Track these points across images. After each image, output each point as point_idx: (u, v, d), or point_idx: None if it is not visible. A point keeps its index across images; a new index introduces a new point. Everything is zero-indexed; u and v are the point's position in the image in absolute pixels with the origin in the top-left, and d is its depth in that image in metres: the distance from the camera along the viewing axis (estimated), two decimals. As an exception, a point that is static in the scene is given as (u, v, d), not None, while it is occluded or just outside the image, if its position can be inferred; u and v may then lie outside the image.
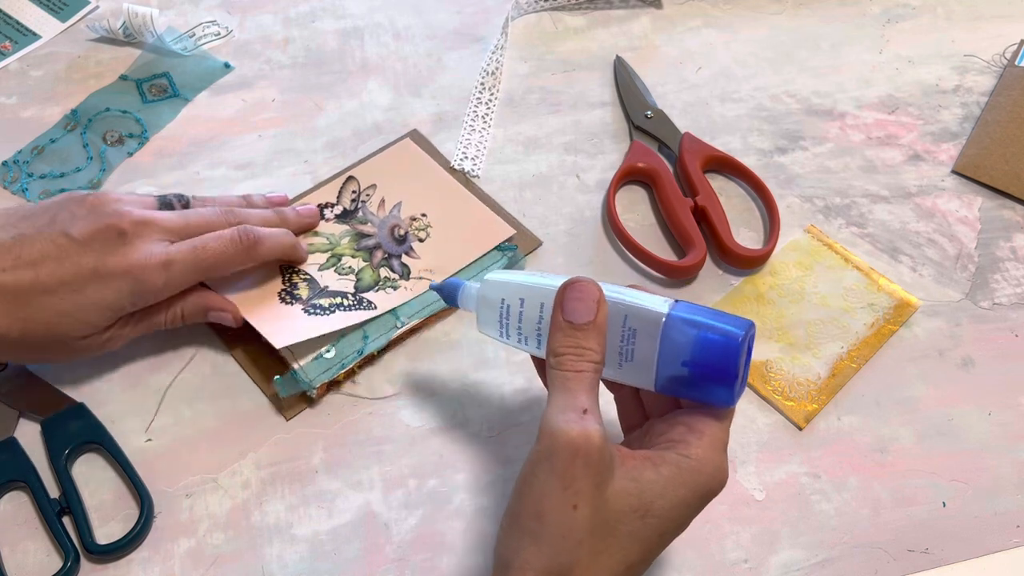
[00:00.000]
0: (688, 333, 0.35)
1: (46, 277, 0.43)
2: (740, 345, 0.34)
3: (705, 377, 0.35)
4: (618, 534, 0.34)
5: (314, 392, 0.48)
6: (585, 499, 0.33)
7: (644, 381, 0.37)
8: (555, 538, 0.33)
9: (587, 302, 0.36)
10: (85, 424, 0.46)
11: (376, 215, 0.55)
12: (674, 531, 0.36)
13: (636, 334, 0.36)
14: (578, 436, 0.33)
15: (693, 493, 0.35)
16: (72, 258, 0.43)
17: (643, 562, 0.35)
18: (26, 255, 0.43)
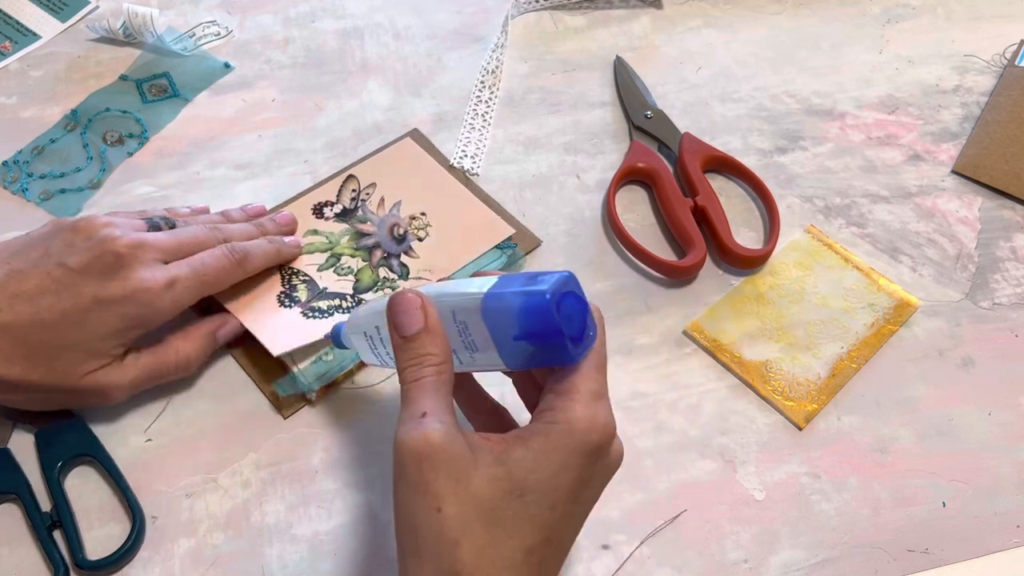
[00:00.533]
0: (504, 307, 0.34)
1: (46, 311, 0.42)
2: (549, 302, 0.33)
3: (537, 342, 0.34)
4: (500, 522, 0.33)
5: (313, 394, 0.48)
6: (446, 499, 0.33)
7: (497, 364, 0.36)
8: (430, 546, 0.33)
9: (411, 312, 0.36)
10: (79, 436, 0.46)
11: (376, 214, 0.55)
12: (567, 500, 0.34)
13: (467, 325, 0.36)
14: (416, 441, 0.33)
15: (571, 455, 0.34)
16: (71, 289, 0.43)
17: (547, 542, 0.34)
18: (24, 291, 0.42)
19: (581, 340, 0.35)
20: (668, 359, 0.51)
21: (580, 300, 0.35)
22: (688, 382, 0.50)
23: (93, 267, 0.43)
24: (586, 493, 0.35)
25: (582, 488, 0.35)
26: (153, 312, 0.44)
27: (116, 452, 0.46)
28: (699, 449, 0.47)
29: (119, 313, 0.43)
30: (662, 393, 0.49)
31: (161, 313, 0.45)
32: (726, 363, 0.50)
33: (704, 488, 0.46)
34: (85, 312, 0.43)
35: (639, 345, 0.51)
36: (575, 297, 0.35)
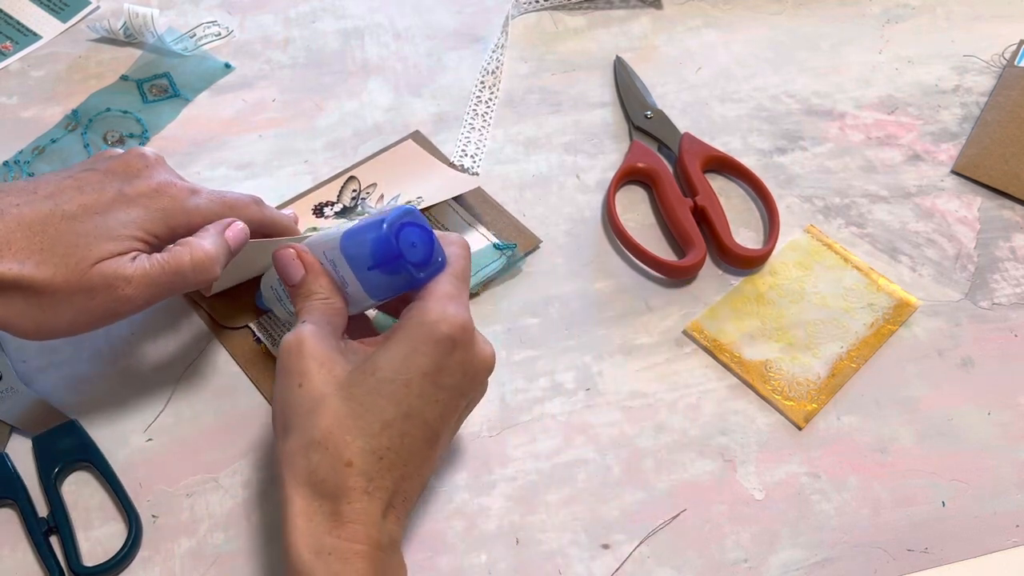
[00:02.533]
0: (356, 242, 0.39)
1: (66, 203, 0.40)
2: (387, 232, 0.38)
3: (385, 270, 0.38)
4: (355, 396, 0.36)
5: None
6: (307, 376, 0.37)
7: (366, 300, 0.40)
8: (293, 419, 0.37)
9: (291, 263, 0.41)
10: (76, 441, 0.46)
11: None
12: (422, 380, 0.37)
13: (335, 264, 0.40)
14: (290, 336, 0.38)
15: (421, 341, 0.37)
16: (94, 184, 0.42)
17: (407, 417, 0.36)
18: (43, 190, 0.41)
19: (426, 265, 0.39)
20: (668, 359, 0.51)
21: (422, 229, 0.39)
22: (688, 382, 0.50)
23: (119, 169, 0.43)
24: (445, 379, 0.37)
25: (438, 373, 0.37)
26: (178, 208, 0.43)
27: (116, 452, 0.46)
28: (699, 449, 0.48)
29: (143, 205, 0.42)
30: (662, 393, 0.49)
31: (185, 213, 0.43)
32: (726, 363, 0.50)
33: (704, 488, 0.46)
34: (108, 204, 0.41)
35: (639, 345, 0.51)
36: (416, 227, 0.39)
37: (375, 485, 0.36)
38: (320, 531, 0.35)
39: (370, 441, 0.36)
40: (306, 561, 0.34)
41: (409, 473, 0.37)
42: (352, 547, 0.35)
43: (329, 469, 0.35)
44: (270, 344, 0.50)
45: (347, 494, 0.35)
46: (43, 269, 0.39)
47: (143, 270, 0.41)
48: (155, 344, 0.50)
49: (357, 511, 0.35)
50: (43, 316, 0.40)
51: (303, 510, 0.35)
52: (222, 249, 0.43)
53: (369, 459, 0.36)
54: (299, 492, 0.36)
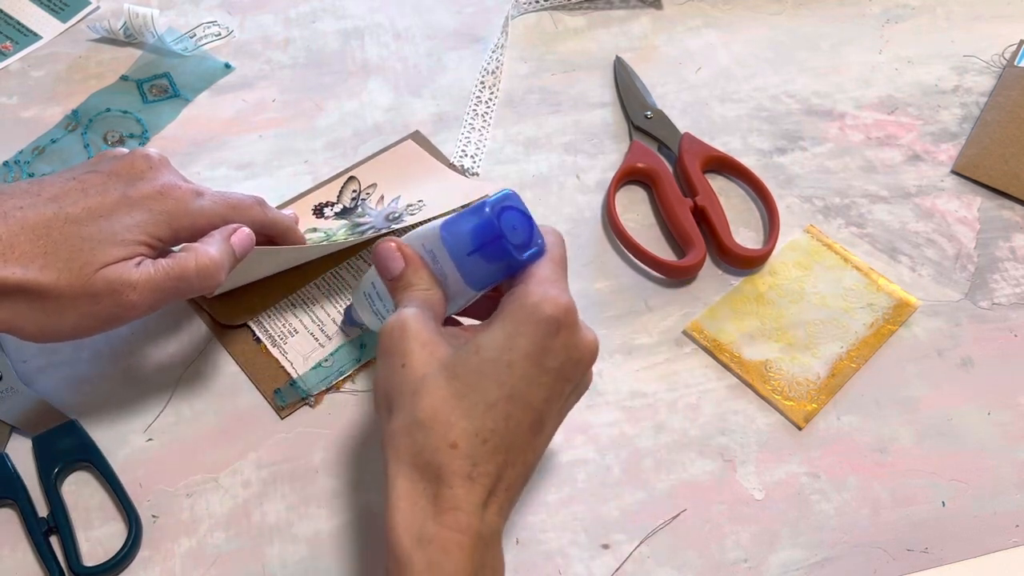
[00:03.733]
0: (456, 229, 0.39)
1: (70, 206, 0.40)
2: (490, 215, 0.38)
3: (487, 254, 0.38)
4: (459, 376, 0.35)
5: (312, 400, 0.48)
6: (410, 355, 0.36)
7: (465, 291, 0.40)
8: (397, 399, 0.36)
9: (391, 255, 0.40)
10: (76, 441, 0.46)
11: (375, 208, 0.55)
12: (525, 361, 0.35)
13: (434, 254, 0.40)
14: (393, 320, 0.37)
15: (523, 323, 0.36)
16: (98, 187, 0.41)
17: (511, 399, 0.35)
18: (46, 192, 0.41)
19: (528, 247, 0.39)
20: (668, 359, 0.51)
21: (522, 214, 0.39)
22: (688, 382, 0.50)
23: (123, 171, 0.43)
24: (549, 362, 0.36)
25: (542, 355, 0.36)
26: (182, 211, 0.43)
27: (116, 452, 0.46)
28: (699, 449, 0.48)
29: (147, 207, 0.42)
30: (662, 393, 0.49)
31: (189, 215, 0.43)
32: (726, 363, 0.50)
33: (704, 488, 0.46)
34: (112, 208, 0.41)
35: (639, 345, 0.51)
36: (516, 211, 0.39)
37: (479, 471, 0.35)
38: (423, 516, 0.34)
39: (474, 422, 0.35)
40: (406, 548, 0.34)
41: (513, 459, 0.36)
42: (453, 537, 0.34)
43: (434, 450, 0.34)
44: (270, 344, 0.50)
45: (450, 477, 0.34)
46: (47, 273, 0.39)
47: (148, 276, 0.41)
48: (155, 344, 0.50)
49: (459, 497, 0.34)
50: (47, 320, 0.40)
51: (407, 493, 0.35)
52: (227, 255, 0.43)
53: (473, 441, 0.35)
54: (403, 473, 0.35)
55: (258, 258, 0.46)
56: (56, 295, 0.39)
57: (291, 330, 0.51)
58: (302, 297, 0.52)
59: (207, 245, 0.43)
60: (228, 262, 0.43)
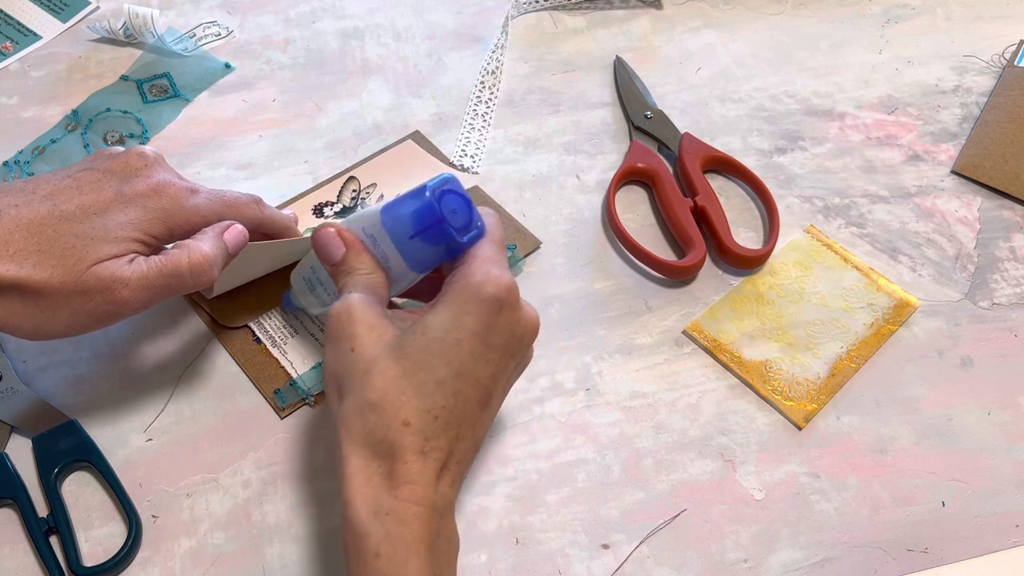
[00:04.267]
0: (397, 213, 0.40)
1: (64, 204, 0.40)
2: (430, 199, 0.39)
3: (428, 236, 0.39)
4: (407, 356, 0.36)
5: (312, 399, 0.48)
6: (358, 339, 0.37)
7: (407, 274, 0.41)
8: (347, 381, 0.37)
9: (331, 241, 0.41)
10: (76, 441, 0.46)
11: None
12: (472, 339, 0.37)
13: (375, 238, 0.41)
14: (338, 306, 0.38)
15: (467, 302, 0.37)
16: (92, 184, 0.42)
17: (459, 376, 0.36)
18: (41, 190, 0.41)
19: (468, 230, 0.40)
20: (668, 359, 0.51)
21: (462, 197, 0.40)
22: (688, 382, 0.50)
23: (118, 168, 0.43)
24: (494, 339, 0.37)
25: (487, 333, 0.37)
26: (177, 208, 0.43)
27: (116, 452, 0.46)
28: (698, 449, 0.48)
29: (141, 205, 0.42)
30: (662, 393, 0.49)
31: (184, 212, 0.43)
32: (726, 363, 0.50)
33: (703, 488, 0.46)
34: (106, 205, 0.41)
35: (639, 345, 0.51)
36: (455, 194, 0.40)
37: (431, 445, 0.36)
38: (378, 491, 0.35)
39: (425, 400, 0.36)
40: (364, 520, 0.35)
41: (463, 434, 0.37)
42: (408, 508, 0.35)
43: (386, 428, 0.35)
44: (270, 344, 0.50)
45: (403, 454, 0.35)
46: (40, 270, 0.39)
47: (140, 273, 0.41)
48: (155, 344, 0.50)
49: (413, 471, 0.35)
50: (41, 317, 0.40)
51: (361, 470, 0.35)
52: (220, 251, 0.43)
53: (425, 418, 0.36)
54: (356, 452, 0.36)
55: (253, 254, 0.46)
56: (49, 292, 0.39)
57: (291, 330, 0.51)
58: (302, 297, 0.52)
59: (200, 241, 0.43)
60: (221, 258, 0.43)
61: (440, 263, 0.41)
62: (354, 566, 0.35)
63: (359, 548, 0.35)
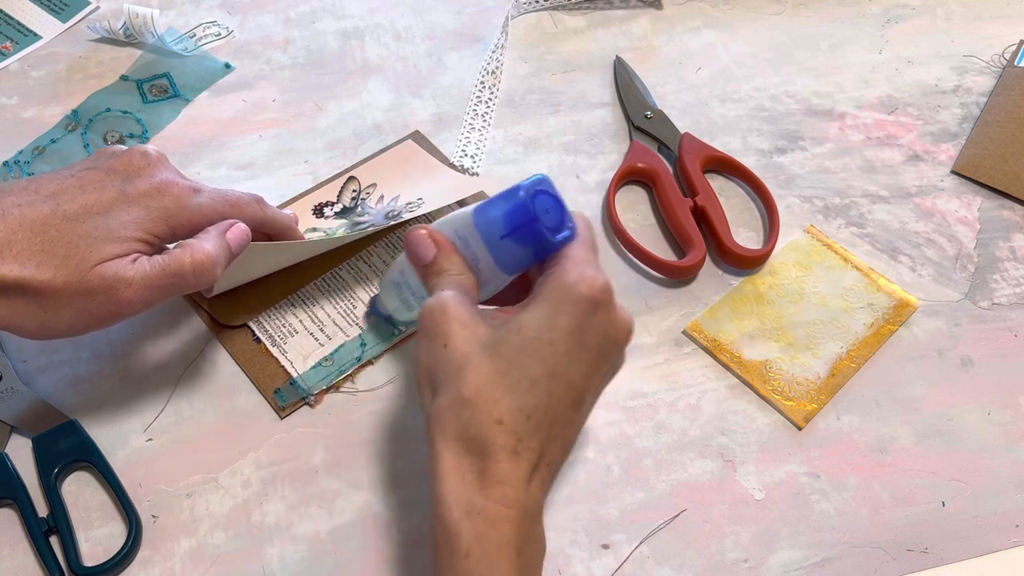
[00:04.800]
0: (490, 214, 0.40)
1: (67, 204, 0.40)
2: (524, 198, 0.39)
3: (520, 236, 0.39)
4: (502, 354, 0.36)
5: (312, 399, 0.48)
6: (452, 336, 0.37)
7: (497, 276, 0.41)
8: (441, 378, 0.37)
9: (422, 243, 0.41)
10: (76, 441, 0.46)
11: (374, 208, 0.55)
12: (567, 339, 0.36)
13: (467, 240, 0.40)
14: (433, 302, 0.38)
15: (562, 302, 0.37)
16: (95, 183, 0.41)
17: (553, 376, 0.36)
18: (44, 190, 0.41)
19: (560, 230, 0.39)
20: (668, 359, 0.51)
21: (554, 198, 0.40)
22: (688, 382, 0.50)
23: (121, 168, 0.43)
24: (588, 340, 0.37)
25: (582, 333, 0.37)
26: (179, 208, 0.43)
27: (116, 452, 0.46)
28: (699, 449, 0.48)
29: (144, 204, 0.42)
30: (662, 393, 0.49)
31: (187, 212, 0.43)
32: (726, 363, 0.50)
33: (703, 488, 0.46)
34: (110, 205, 0.41)
35: (639, 345, 0.51)
36: (548, 195, 0.39)
37: (523, 445, 0.35)
38: (470, 489, 0.35)
39: (518, 399, 0.35)
40: (455, 519, 0.34)
41: (555, 435, 0.37)
42: (500, 510, 0.34)
43: (479, 425, 0.35)
44: (269, 343, 0.50)
45: (496, 452, 0.35)
46: (44, 270, 0.39)
47: (143, 272, 0.41)
48: (155, 344, 0.50)
49: (505, 471, 0.35)
50: (44, 317, 0.40)
51: (454, 467, 0.35)
52: (223, 251, 0.43)
53: (518, 417, 0.35)
54: (450, 448, 0.35)
55: (255, 255, 0.46)
56: (52, 292, 0.39)
57: (291, 330, 0.51)
58: (302, 297, 0.52)
59: (202, 241, 0.43)
60: (224, 258, 0.43)
61: (530, 264, 0.41)
62: (443, 563, 0.35)
63: (450, 546, 0.34)
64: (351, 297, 0.52)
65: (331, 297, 0.52)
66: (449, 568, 0.34)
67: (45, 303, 0.39)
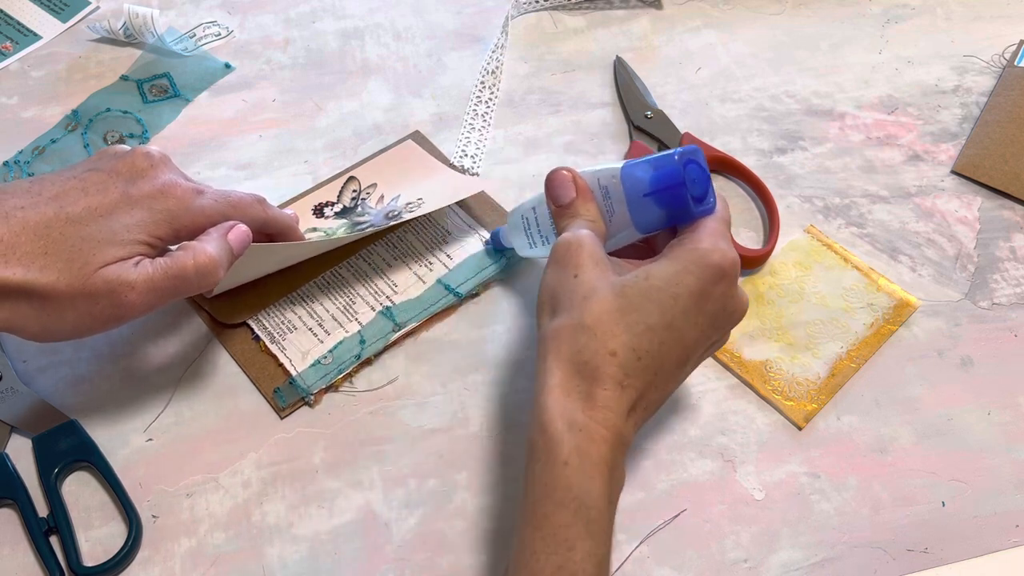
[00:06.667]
0: (639, 170, 0.42)
1: (71, 206, 0.40)
2: (677, 162, 0.40)
3: (664, 197, 0.41)
4: (626, 295, 0.38)
5: (312, 399, 0.48)
6: (583, 268, 0.39)
7: (627, 232, 0.43)
8: (565, 302, 0.39)
9: (565, 184, 0.43)
10: (76, 441, 0.46)
11: (374, 208, 0.55)
12: (688, 296, 0.38)
13: (608, 190, 0.42)
14: (571, 235, 0.40)
15: (692, 263, 0.39)
16: (98, 186, 0.41)
17: (669, 328, 0.38)
18: (47, 191, 0.41)
19: (703, 201, 0.41)
20: (668, 359, 0.51)
21: (703, 170, 0.41)
22: (688, 382, 0.50)
23: (124, 169, 0.43)
24: (708, 305, 0.39)
25: (703, 297, 0.39)
26: (182, 210, 0.43)
27: (117, 452, 0.46)
28: (699, 449, 0.48)
29: (147, 206, 0.42)
30: (662, 393, 0.49)
31: (190, 214, 0.43)
32: (726, 363, 0.50)
33: (704, 488, 0.46)
34: (113, 206, 0.41)
35: (639, 345, 0.51)
36: (698, 166, 0.41)
37: (629, 381, 0.37)
38: (575, 407, 0.37)
39: (633, 339, 0.37)
40: (559, 429, 0.36)
41: (657, 384, 0.39)
42: (599, 430, 0.36)
43: (594, 352, 0.37)
44: (268, 341, 0.50)
45: (604, 380, 0.37)
46: (47, 274, 0.39)
47: (146, 275, 0.41)
48: (156, 344, 0.50)
49: (610, 398, 0.37)
50: (47, 320, 0.40)
51: (563, 383, 0.37)
52: (225, 253, 0.43)
53: (629, 355, 0.37)
54: (561, 367, 0.37)
55: (256, 255, 0.46)
56: (56, 295, 0.39)
57: (290, 326, 0.51)
58: (301, 295, 0.52)
59: (204, 243, 0.43)
60: (226, 259, 0.43)
61: (663, 228, 0.42)
62: (539, 467, 0.36)
63: (550, 452, 0.36)
64: (350, 293, 0.52)
65: (330, 294, 0.52)
66: (547, 473, 0.36)
67: (48, 306, 0.39)
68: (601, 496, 0.36)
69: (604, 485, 0.36)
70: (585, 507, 0.35)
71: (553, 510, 0.35)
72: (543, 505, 0.36)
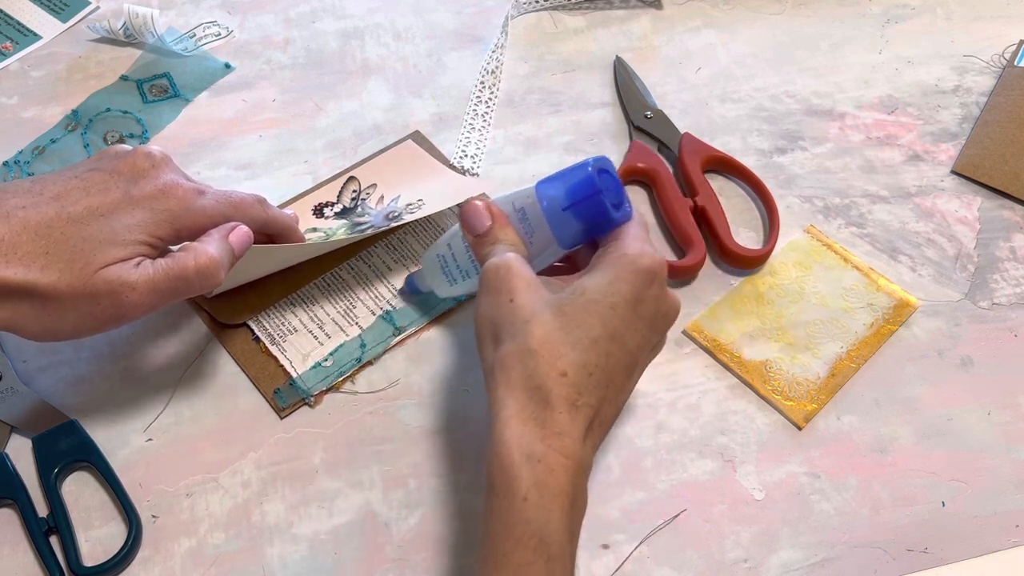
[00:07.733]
0: (553, 186, 0.42)
1: (72, 206, 0.40)
2: (591, 172, 0.40)
3: (582, 209, 0.40)
4: (565, 312, 0.38)
5: (311, 399, 0.48)
6: (517, 291, 0.39)
7: (549, 251, 0.42)
8: (507, 329, 0.38)
9: (479, 213, 0.43)
10: (76, 441, 0.46)
11: (374, 208, 0.55)
12: (625, 305, 0.38)
13: (525, 211, 0.42)
14: (498, 260, 0.40)
15: (623, 270, 0.39)
16: (100, 186, 0.41)
17: (612, 338, 0.38)
18: (48, 191, 0.41)
19: (620, 208, 0.41)
20: (668, 359, 0.51)
21: (614, 178, 0.42)
22: (688, 382, 0.50)
23: (125, 169, 0.43)
24: (644, 310, 0.39)
25: (639, 302, 0.39)
26: (184, 210, 0.43)
27: (117, 452, 0.47)
28: (699, 449, 0.48)
29: (149, 207, 0.42)
30: (662, 393, 0.49)
31: (191, 214, 0.43)
32: (726, 363, 0.50)
33: (704, 488, 0.46)
34: (114, 207, 0.41)
35: (639, 345, 0.51)
36: (610, 175, 0.42)
37: (583, 400, 0.37)
38: (532, 436, 0.36)
39: (581, 355, 0.37)
40: (516, 463, 0.36)
41: (610, 397, 0.38)
42: (558, 459, 0.36)
43: (544, 376, 0.37)
44: (269, 342, 0.50)
45: (557, 402, 0.36)
46: (48, 274, 0.39)
47: (147, 276, 0.41)
48: (156, 344, 0.50)
49: (564, 422, 0.36)
50: (48, 320, 0.40)
51: (517, 413, 0.37)
52: (226, 254, 0.43)
53: (580, 372, 0.37)
54: (514, 395, 0.37)
55: (256, 257, 0.46)
56: (57, 296, 0.39)
57: (290, 328, 0.51)
58: (302, 297, 0.52)
59: (205, 244, 0.43)
60: (227, 260, 0.43)
61: (585, 241, 0.42)
62: (499, 504, 0.36)
63: (509, 489, 0.35)
64: (351, 297, 0.52)
65: (331, 297, 0.52)
66: (506, 509, 0.35)
67: (49, 306, 0.39)
68: (561, 529, 0.35)
69: (564, 517, 0.35)
70: (545, 544, 0.35)
71: (513, 548, 0.35)
72: (503, 543, 0.35)
